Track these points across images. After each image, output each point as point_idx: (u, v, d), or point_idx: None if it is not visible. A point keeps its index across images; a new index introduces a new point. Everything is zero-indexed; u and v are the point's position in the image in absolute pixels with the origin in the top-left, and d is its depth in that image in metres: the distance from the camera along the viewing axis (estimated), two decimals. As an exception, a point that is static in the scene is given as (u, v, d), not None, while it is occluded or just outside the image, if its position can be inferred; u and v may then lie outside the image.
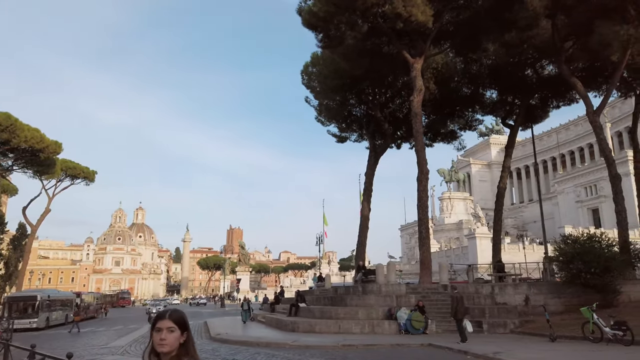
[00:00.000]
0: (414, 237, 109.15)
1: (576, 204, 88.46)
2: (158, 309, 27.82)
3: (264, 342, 16.64)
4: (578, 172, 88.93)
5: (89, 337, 24.50)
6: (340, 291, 24.66)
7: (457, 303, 16.41)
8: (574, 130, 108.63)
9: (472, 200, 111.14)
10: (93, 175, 58.73)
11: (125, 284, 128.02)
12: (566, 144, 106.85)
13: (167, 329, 2.39)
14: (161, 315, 2.45)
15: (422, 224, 25.41)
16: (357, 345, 15.28)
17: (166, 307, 22.33)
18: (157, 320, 2.43)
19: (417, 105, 26.51)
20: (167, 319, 2.42)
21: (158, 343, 2.37)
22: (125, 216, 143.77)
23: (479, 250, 72.73)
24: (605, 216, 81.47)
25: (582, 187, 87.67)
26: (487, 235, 75.86)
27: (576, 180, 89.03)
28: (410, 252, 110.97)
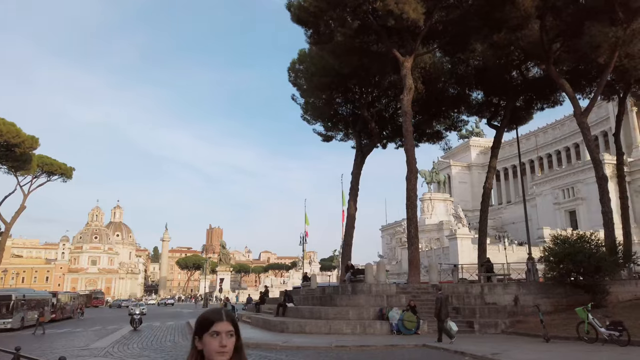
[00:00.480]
0: (395, 238, 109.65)
1: (554, 206, 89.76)
2: (142, 310, 27.04)
3: (253, 343, 16.15)
4: (556, 175, 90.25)
5: (67, 339, 23.66)
6: (329, 291, 24.29)
7: (441, 304, 16.26)
8: (551, 133, 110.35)
9: (452, 202, 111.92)
10: (70, 171, 57.24)
11: (102, 283, 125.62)
12: (544, 147, 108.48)
13: (227, 332, 1.95)
14: (217, 316, 2.00)
15: (411, 223, 25.20)
16: (350, 346, 14.91)
17: (142, 309, 21.82)
18: (212, 322, 1.98)
19: (407, 104, 26.31)
20: (225, 320, 1.98)
21: (218, 351, 1.92)
22: (103, 215, 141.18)
23: (460, 250, 73.20)
24: (582, 218, 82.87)
25: (559, 190, 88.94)
26: (468, 236, 76.49)
27: (554, 182, 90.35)
28: (392, 252, 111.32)
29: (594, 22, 22.85)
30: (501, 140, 35.68)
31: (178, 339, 20.93)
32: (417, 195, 26.48)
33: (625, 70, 25.48)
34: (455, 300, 20.66)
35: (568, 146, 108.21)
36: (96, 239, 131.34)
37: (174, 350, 16.62)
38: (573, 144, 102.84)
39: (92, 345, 19.81)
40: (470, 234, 77.86)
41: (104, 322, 37.65)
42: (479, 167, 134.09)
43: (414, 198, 25.79)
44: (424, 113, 37.73)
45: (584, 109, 27.14)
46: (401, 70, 26.78)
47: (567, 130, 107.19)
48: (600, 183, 25.79)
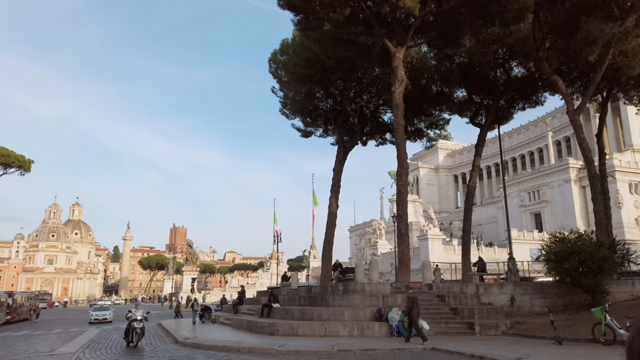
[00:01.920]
0: (364, 238, 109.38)
1: (520, 208, 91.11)
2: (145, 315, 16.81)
3: (245, 347, 14.70)
4: (522, 178, 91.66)
5: (28, 342, 21.50)
6: (316, 291, 23.00)
7: (413, 303, 15.61)
8: (516, 138, 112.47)
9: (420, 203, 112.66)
10: (29, 164, 53.95)
11: (59, 283, 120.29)
12: (510, 150, 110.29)
13: None
14: None
15: (402, 220, 24.16)
16: (354, 350, 13.66)
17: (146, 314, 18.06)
18: None
19: (399, 97, 25.35)
20: None
21: None
22: (61, 212, 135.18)
23: (430, 251, 73.32)
24: (546, 220, 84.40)
25: (525, 192, 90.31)
26: (439, 236, 76.71)
27: (520, 185, 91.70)
28: (360, 252, 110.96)
29: (590, 17, 22.38)
30: (485, 139, 35.26)
31: (155, 342, 19.19)
32: (407, 191, 25.56)
33: (618, 68, 25.21)
34: (452, 301, 19.72)
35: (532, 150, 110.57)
36: (53, 237, 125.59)
37: (154, 356, 14.96)
38: (537, 148, 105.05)
39: (59, 349, 17.89)
40: (441, 234, 78.19)
41: (64, 324, 35.21)
42: (446, 170, 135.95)
43: (405, 194, 24.81)
44: (406, 110, 36.96)
45: (576, 107, 26.76)
46: (392, 62, 25.81)
47: (532, 135, 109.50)
48: (592, 182, 25.36)
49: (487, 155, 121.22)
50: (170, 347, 17.06)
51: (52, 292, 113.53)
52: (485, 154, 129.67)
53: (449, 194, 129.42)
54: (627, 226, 73.70)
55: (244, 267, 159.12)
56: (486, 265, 24.01)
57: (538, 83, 34.07)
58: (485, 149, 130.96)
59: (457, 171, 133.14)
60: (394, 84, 25.80)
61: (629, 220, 74.54)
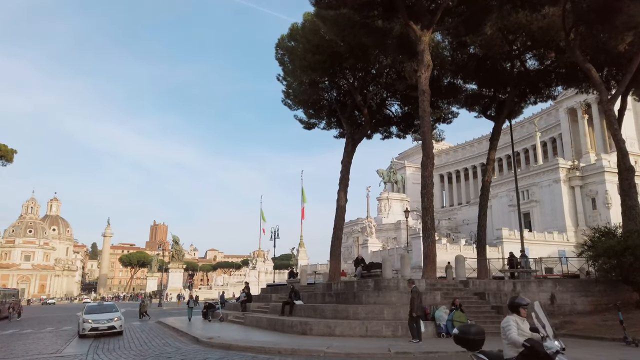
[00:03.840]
0: (352, 237, 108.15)
1: (509, 208, 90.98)
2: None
3: (286, 349, 13.10)
4: (511, 178, 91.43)
5: (24, 342, 19.50)
6: (338, 287, 21.41)
7: (418, 299, 14.63)
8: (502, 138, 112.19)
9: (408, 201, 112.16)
10: (12, 154, 50.82)
11: (36, 280, 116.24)
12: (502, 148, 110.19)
13: None
14: None
15: (427, 213, 22.82)
16: (414, 353, 12.20)
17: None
18: None
19: (425, 82, 23.98)
20: None
21: None
22: (39, 207, 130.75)
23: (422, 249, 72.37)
24: (535, 220, 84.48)
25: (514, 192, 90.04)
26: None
27: (509, 185, 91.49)
28: (347, 251, 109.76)
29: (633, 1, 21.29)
30: (500, 132, 34.16)
31: (171, 341, 17.40)
32: (432, 182, 24.21)
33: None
34: (492, 299, 18.41)
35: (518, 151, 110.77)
36: (31, 233, 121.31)
37: (184, 358, 13.24)
38: (523, 149, 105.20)
39: (66, 350, 16.04)
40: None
41: (53, 323, 33.03)
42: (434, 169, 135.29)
43: (430, 186, 23.49)
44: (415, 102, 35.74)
45: (610, 97, 25.76)
46: (418, 46, 24.47)
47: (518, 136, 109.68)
48: (626, 176, 24.05)
49: (474, 155, 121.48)
50: (193, 347, 15.32)
51: (29, 289, 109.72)
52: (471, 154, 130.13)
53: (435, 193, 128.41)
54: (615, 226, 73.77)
55: (227, 265, 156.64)
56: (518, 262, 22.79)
57: (551, 76, 33.17)
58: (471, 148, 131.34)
59: (443, 171, 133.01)
60: (419, 69, 24.48)
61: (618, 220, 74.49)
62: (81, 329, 20.35)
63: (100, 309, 22.65)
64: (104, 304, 24.74)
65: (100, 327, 20.18)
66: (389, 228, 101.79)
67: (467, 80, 34.36)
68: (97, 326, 20.15)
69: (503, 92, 34.28)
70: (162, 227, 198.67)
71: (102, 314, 21.30)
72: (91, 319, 20.37)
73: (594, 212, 76.25)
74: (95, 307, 23.19)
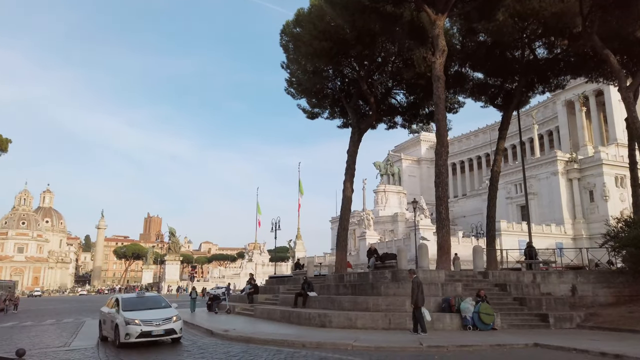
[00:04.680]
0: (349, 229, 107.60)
1: (506, 200, 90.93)
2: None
3: (310, 342, 12.46)
4: (509, 170, 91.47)
5: (28, 335, 18.78)
6: (352, 279, 20.83)
7: (419, 289, 14.25)
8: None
9: (405, 194, 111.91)
10: (6, 143, 49.77)
11: (30, 273, 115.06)
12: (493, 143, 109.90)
13: None
14: None
15: (442, 203, 22.22)
16: (447, 346, 11.64)
17: None
18: None
19: (440, 68, 23.38)
20: None
21: None
22: (32, 199, 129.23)
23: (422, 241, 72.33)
24: (533, 212, 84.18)
25: (512, 185, 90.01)
26: (430, 227, 75.70)
27: (507, 177, 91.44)
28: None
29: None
30: (509, 121, 33.58)
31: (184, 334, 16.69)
32: (447, 171, 23.63)
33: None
34: (514, 290, 17.90)
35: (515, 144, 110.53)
36: (24, 225, 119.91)
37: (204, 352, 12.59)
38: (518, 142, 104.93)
39: (74, 343, 15.35)
40: (432, 225, 77.09)
41: (52, 315, 32.35)
42: (429, 162, 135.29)
43: (445, 175, 22.91)
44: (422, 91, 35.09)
45: (629, 84, 25.24)
46: (432, 30, 23.85)
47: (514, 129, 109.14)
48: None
49: (471, 148, 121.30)
50: (210, 340, 14.67)
51: (23, 281, 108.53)
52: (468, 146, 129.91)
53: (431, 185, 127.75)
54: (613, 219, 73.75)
55: (222, 258, 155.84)
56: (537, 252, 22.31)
57: (560, 65, 32.64)
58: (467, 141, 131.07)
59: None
60: (434, 54, 23.86)
61: (615, 213, 74.48)
62: (123, 334, 13.38)
63: (144, 302, 15.35)
64: (146, 296, 16.77)
65: (155, 331, 13.52)
66: (385, 220, 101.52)
67: (476, 68, 33.77)
68: (150, 330, 13.44)
69: (511, 82, 33.75)
70: (157, 219, 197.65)
71: (151, 311, 14.43)
72: (139, 318, 13.53)
73: (592, 204, 76.26)
74: (135, 301, 15.40)
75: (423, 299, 14.39)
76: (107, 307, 15.94)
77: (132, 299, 15.60)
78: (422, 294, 14.39)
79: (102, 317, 15.99)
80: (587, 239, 72.66)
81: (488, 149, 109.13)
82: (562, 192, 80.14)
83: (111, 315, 14.68)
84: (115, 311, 14.59)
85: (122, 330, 13.44)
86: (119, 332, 13.57)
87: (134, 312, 14.09)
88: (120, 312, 14.17)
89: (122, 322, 13.59)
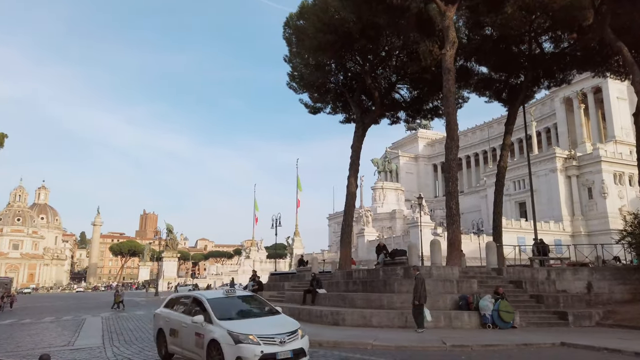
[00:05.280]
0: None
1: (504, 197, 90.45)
2: None
3: (328, 341, 11.97)
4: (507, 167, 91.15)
5: (29, 333, 18.21)
6: (362, 275, 20.35)
7: (422, 286, 13.93)
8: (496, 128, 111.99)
9: (403, 191, 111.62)
10: (2, 138, 48.69)
11: (25, 270, 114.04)
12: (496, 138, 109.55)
13: None
14: None
15: (452, 198, 21.76)
16: (472, 345, 11.17)
17: None
18: None
19: (450, 60, 22.92)
20: None
21: None
22: (27, 195, 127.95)
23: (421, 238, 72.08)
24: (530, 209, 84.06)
25: (510, 181, 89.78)
26: (429, 224, 75.53)
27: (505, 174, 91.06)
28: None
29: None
30: (516, 116, 33.16)
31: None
32: (458, 166, 23.18)
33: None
34: (529, 287, 17.46)
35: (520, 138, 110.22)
36: (19, 221, 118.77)
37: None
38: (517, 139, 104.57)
39: (79, 342, 14.77)
40: (431, 222, 76.97)
41: (51, 312, 31.76)
42: (426, 159, 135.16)
43: (456, 170, 22.45)
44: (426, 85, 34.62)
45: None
46: (442, 22, 23.42)
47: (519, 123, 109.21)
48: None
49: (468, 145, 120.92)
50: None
51: (18, 278, 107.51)
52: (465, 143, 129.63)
53: (428, 182, 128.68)
54: (611, 216, 73.71)
55: (219, 255, 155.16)
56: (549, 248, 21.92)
57: (566, 59, 32.23)
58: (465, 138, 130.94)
59: (437, 160, 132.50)
60: (444, 46, 23.46)
61: (613, 210, 74.59)
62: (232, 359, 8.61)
63: (238, 306, 10.57)
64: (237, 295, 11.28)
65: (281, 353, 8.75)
66: (383, 217, 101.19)
67: (482, 63, 33.33)
68: (275, 351, 8.69)
69: (516, 77, 33.36)
70: (152, 216, 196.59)
71: (261, 321, 9.81)
72: (253, 332, 8.80)
73: (590, 201, 76.10)
74: (226, 303, 10.38)
75: (426, 297, 14.02)
76: (170, 310, 11.06)
77: (222, 301, 10.38)
78: (425, 291, 14.02)
79: (167, 325, 10.71)
80: (586, 235, 72.50)
81: (485, 146, 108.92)
82: (561, 189, 79.93)
83: (195, 326, 9.47)
84: (202, 319, 9.39)
85: (230, 352, 8.55)
86: (221, 354, 8.73)
87: (236, 323, 9.35)
88: (214, 321, 9.28)
89: (227, 339, 8.67)
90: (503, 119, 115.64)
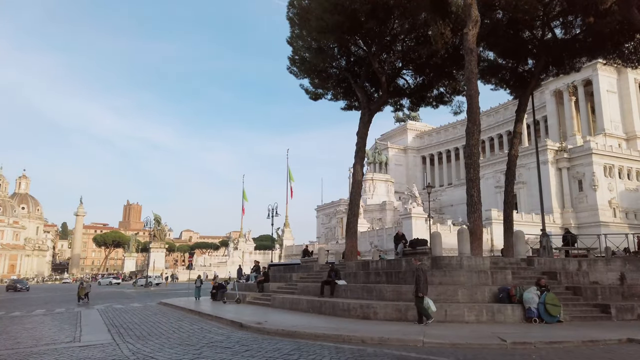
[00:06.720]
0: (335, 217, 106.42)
1: (495, 189, 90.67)
2: None
3: (374, 339, 10.81)
4: (498, 159, 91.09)
5: (24, 328, 16.74)
6: (382, 266, 19.23)
7: (424, 278, 13.38)
8: (494, 117, 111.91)
9: (393, 183, 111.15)
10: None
11: (6, 260, 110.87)
12: (486, 130, 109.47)
13: None
14: None
15: (474, 186, 20.78)
16: (534, 342, 10.11)
17: None
18: None
19: (473, 40, 21.84)
20: None
21: None
22: (7, 184, 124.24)
23: (414, 229, 71.72)
24: (522, 201, 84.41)
25: (501, 173, 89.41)
26: (422, 215, 75.07)
27: (496, 166, 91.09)
28: (331, 232, 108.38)
29: None
30: (527, 104, 32.27)
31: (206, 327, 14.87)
32: (479, 152, 22.15)
33: None
34: (564, 279, 16.51)
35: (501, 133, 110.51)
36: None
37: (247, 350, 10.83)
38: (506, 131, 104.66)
39: (85, 338, 13.40)
40: (424, 213, 76.41)
41: (40, 304, 30.23)
42: (415, 151, 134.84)
43: (477, 155, 21.46)
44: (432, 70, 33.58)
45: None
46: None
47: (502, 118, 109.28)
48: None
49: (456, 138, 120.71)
50: (245, 334, 12.84)
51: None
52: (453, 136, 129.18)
53: (417, 174, 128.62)
54: (601, 208, 74.01)
55: (205, 246, 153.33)
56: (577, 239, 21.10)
57: (576, 46, 31.44)
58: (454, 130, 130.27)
59: (425, 152, 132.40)
60: (466, 25, 22.36)
61: (603, 202, 74.92)
62: None
63: None
64: None
65: None
66: (374, 209, 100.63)
67: (491, 48, 32.42)
68: None
69: (524, 63, 32.54)
70: (137, 207, 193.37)
71: None
72: None
73: (580, 193, 76.36)
74: None
75: (427, 288, 13.30)
76: None
77: None
78: (427, 282, 13.35)
79: None
80: (576, 227, 72.59)
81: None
82: (552, 182, 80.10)
83: None
84: None
85: None
86: None
87: None
88: None
89: None
90: (491, 111, 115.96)
